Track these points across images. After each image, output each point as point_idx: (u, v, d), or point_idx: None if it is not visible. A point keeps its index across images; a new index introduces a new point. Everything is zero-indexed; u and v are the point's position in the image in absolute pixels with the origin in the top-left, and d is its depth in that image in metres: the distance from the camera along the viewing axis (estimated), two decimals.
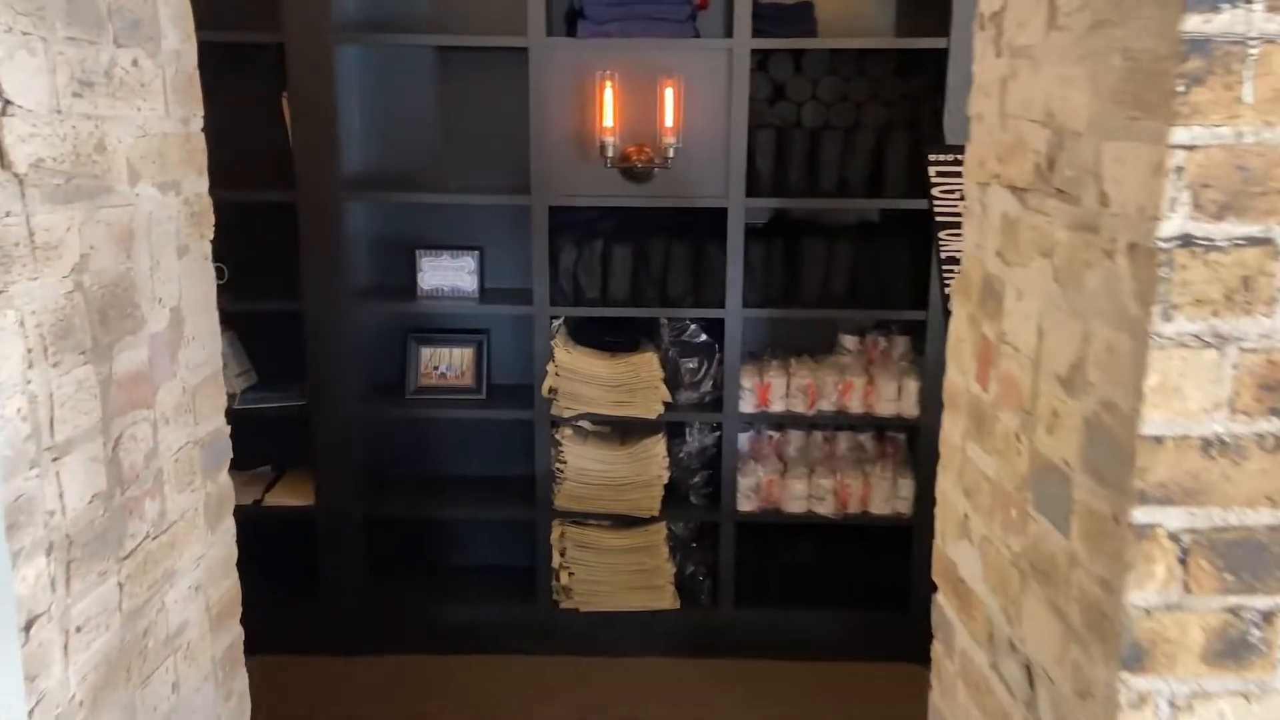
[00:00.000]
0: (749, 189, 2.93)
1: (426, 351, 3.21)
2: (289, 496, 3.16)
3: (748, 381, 3.04)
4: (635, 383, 3.04)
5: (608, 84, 2.85)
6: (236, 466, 3.33)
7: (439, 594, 3.25)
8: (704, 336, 3.10)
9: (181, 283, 1.58)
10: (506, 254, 3.23)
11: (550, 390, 3.04)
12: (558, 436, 3.09)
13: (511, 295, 3.15)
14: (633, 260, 3.03)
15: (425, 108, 3.14)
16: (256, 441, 3.34)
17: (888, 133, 2.97)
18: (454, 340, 3.22)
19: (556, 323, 3.10)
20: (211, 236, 1.72)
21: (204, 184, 1.67)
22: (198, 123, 1.66)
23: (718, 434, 3.12)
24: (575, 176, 2.94)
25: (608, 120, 2.85)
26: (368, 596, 3.17)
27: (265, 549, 3.37)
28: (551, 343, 3.03)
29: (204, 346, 1.68)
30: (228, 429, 1.79)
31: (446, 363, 3.21)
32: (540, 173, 2.92)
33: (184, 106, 1.59)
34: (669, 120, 2.85)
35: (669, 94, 2.85)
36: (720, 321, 3.02)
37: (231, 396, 3.23)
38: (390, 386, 3.22)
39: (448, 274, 3.11)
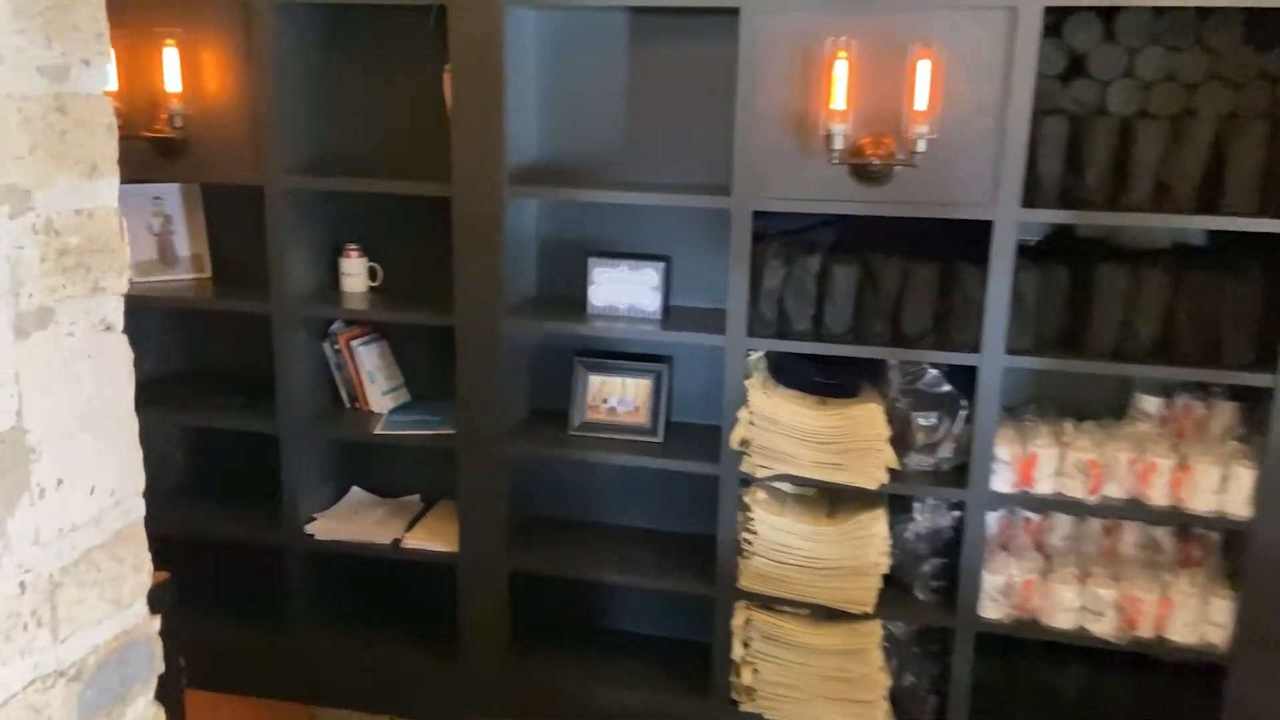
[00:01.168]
0: (1026, 197, 2.19)
1: (596, 380, 2.65)
2: (431, 538, 2.71)
3: (1005, 450, 2.30)
4: (851, 440, 2.36)
5: (841, 55, 2.17)
6: (383, 492, 3.00)
7: (592, 667, 2.73)
8: (948, 386, 2.39)
9: (35, 382, 0.93)
10: (697, 267, 2.63)
11: (742, 442, 2.42)
12: (748, 499, 2.47)
13: (701, 318, 2.54)
14: (858, 283, 2.35)
15: (611, 87, 2.57)
16: (407, 465, 2.94)
17: (1233, 125, 2.14)
18: (629, 369, 2.65)
19: (754, 356, 2.47)
20: (124, 287, 1.11)
21: (103, 192, 1.03)
22: (91, 76, 0.98)
23: (958, 514, 2.41)
24: (789, 174, 2.29)
25: (838, 103, 2.18)
26: (511, 659, 2.68)
27: (404, 593, 3.03)
28: (747, 381, 2.41)
29: (95, 492, 1.03)
30: (151, 625, 1.14)
31: (619, 395, 2.64)
32: (745, 168, 2.29)
33: (48, 41, 0.92)
34: (921, 103, 2.15)
35: (923, 69, 2.15)
36: (972, 369, 2.30)
37: (378, 416, 2.88)
38: (551, 417, 2.70)
39: (625, 288, 2.55)
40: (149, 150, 2.59)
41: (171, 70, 2.46)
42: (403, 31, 2.61)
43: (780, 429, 2.39)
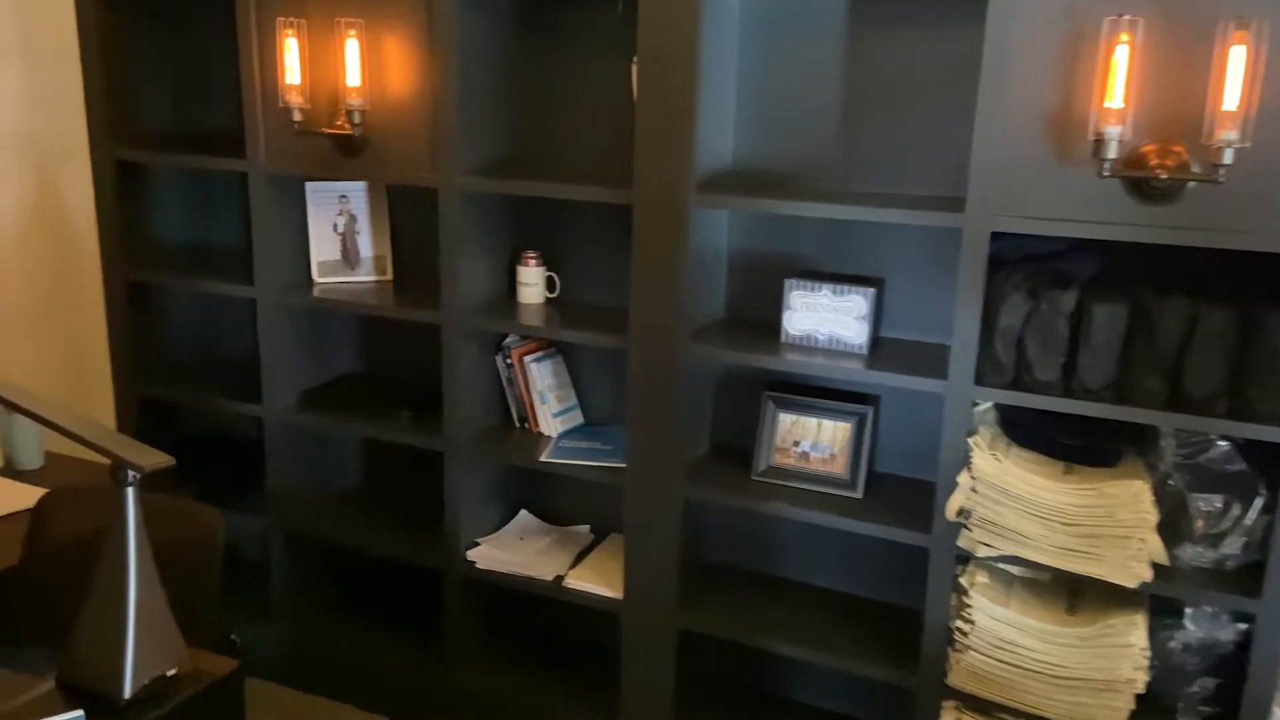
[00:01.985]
0: None
1: (787, 419, 2.30)
2: (596, 578, 2.45)
3: None
4: (1106, 522, 1.89)
5: (1123, 39, 1.70)
6: (553, 518, 2.78)
7: None
8: (1242, 464, 1.86)
9: None
10: (915, 294, 2.21)
11: (960, 512, 1.99)
12: (965, 580, 2.04)
13: (916, 356, 2.13)
14: (1126, 328, 1.87)
15: (825, 79, 2.20)
16: (578, 491, 2.70)
17: None
18: (827, 409, 2.27)
19: (982, 408, 2.03)
20: None
21: None
22: None
23: (1244, 626, 1.88)
24: (1043, 188, 1.84)
25: (1115, 99, 1.71)
26: None
27: (566, 632, 2.80)
28: (971, 439, 1.98)
29: None
30: None
31: (813, 438, 2.27)
32: (985, 179, 1.86)
33: None
34: (1230, 101, 1.64)
35: (1236, 57, 1.64)
36: (1278, 447, 1.77)
37: (547, 440, 2.65)
38: (733, 456, 2.37)
39: (826, 316, 2.17)
40: (331, 147, 2.47)
41: (352, 64, 2.32)
42: (591, 20, 2.35)
43: (1011, 501, 1.94)
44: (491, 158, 2.43)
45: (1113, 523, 1.88)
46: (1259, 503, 1.84)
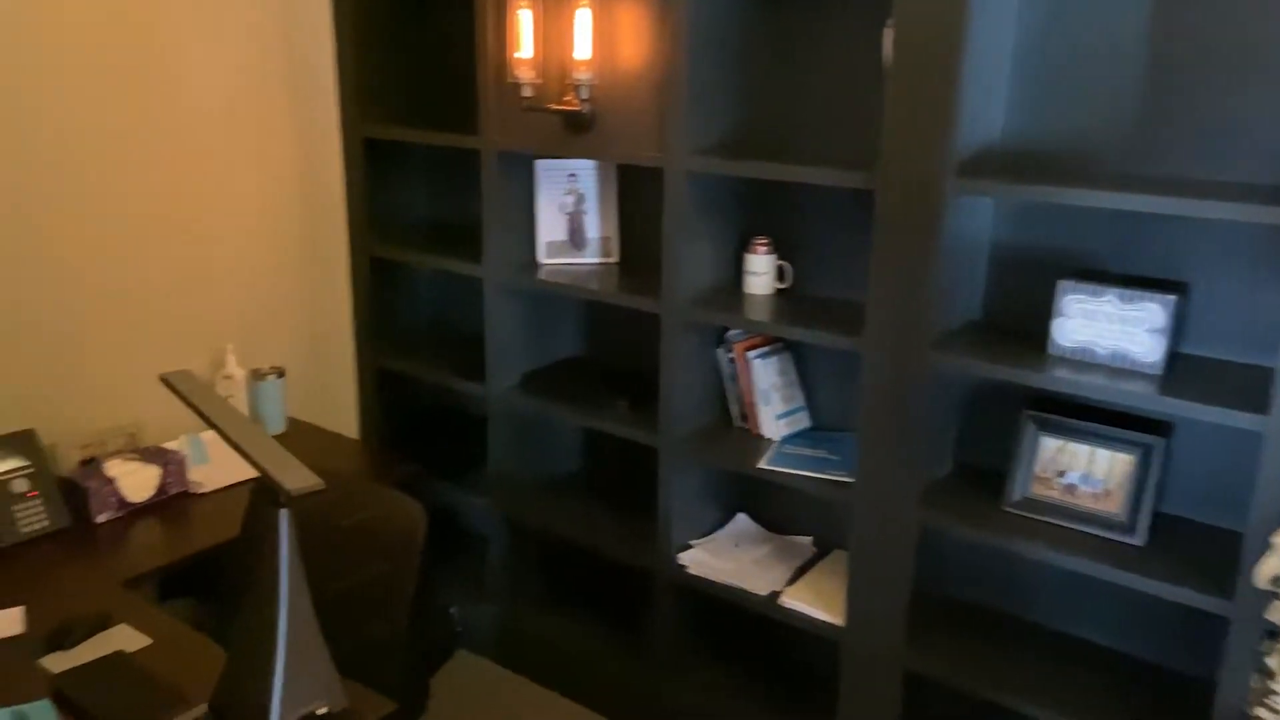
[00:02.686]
0: None
1: (1051, 445, 1.96)
2: (815, 599, 2.23)
3: None
4: None
5: None
6: (773, 525, 2.58)
7: None
8: None
9: None
10: (1229, 304, 1.80)
11: (1276, 580, 1.60)
12: (1273, 662, 1.64)
13: (1227, 382, 1.73)
14: None
15: (1124, 36, 1.83)
16: (801, 500, 2.49)
17: None
18: (1103, 435, 1.92)
19: None
20: None
21: None
22: None
23: None
24: None
25: None
26: None
27: (782, 652, 2.59)
28: None
29: None
30: None
31: (1083, 469, 1.93)
32: None
33: None
34: None
35: None
36: None
37: (768, 443, 2.43)
38: (982, 479, 2.07)
39: (1109, 326, 1.81)
40: (560, 124, 2.37)
41: (583, 36, 2.19)
42: None
43: None
44: (723, 136, 2.24)
45: None
46: None
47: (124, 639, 1.65)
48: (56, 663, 1.58)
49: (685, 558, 2.40)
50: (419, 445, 3.04)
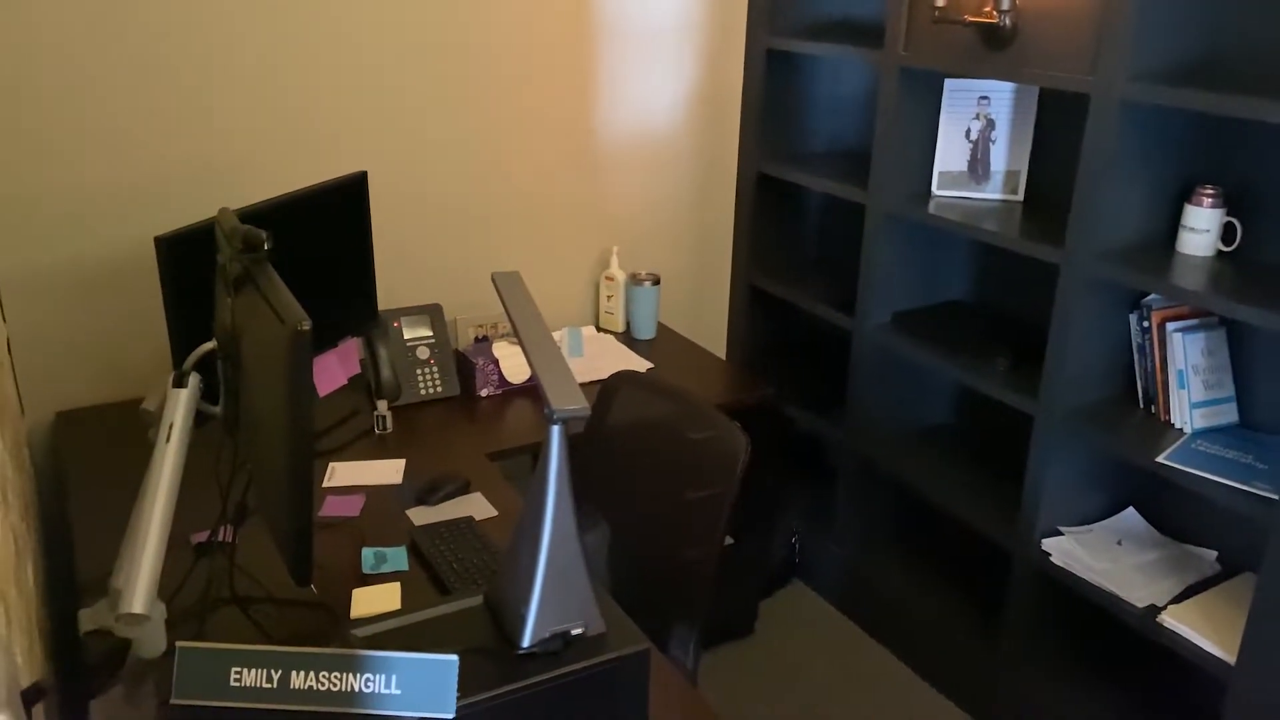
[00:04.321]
0: None
1: None
2: (1203, 625, 1.88)
3: None
4: None
5: None
6: (1172, 530, 2.18)
7: None
8: None
9: None
10: None
11: None
12: None
13: None
14: None
15: None
16: (1211, 507, 2.08)
17: None
18: None
19: None
20: None
21: None
22: None
23: None
24: None
25: None
26: None
27: (1155, 672, 2.13)
28: None
29: None
30: None
31: None
32: None
33: None
34: None
35: None
36: None
37: (1176, 434, 1.99)
38: None
39: None
40: (975, 39, 2.11)
41: None
42: None
43: None
44: (1173, 58, 1.84)
45: None
46: None
47: (476, 506, 1.81)
48: (420, 516, 1.77)
49: (1050, 544, 2.13)
50: (788, 369, 2.99)
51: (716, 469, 1.68)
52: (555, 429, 0.94)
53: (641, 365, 2.51)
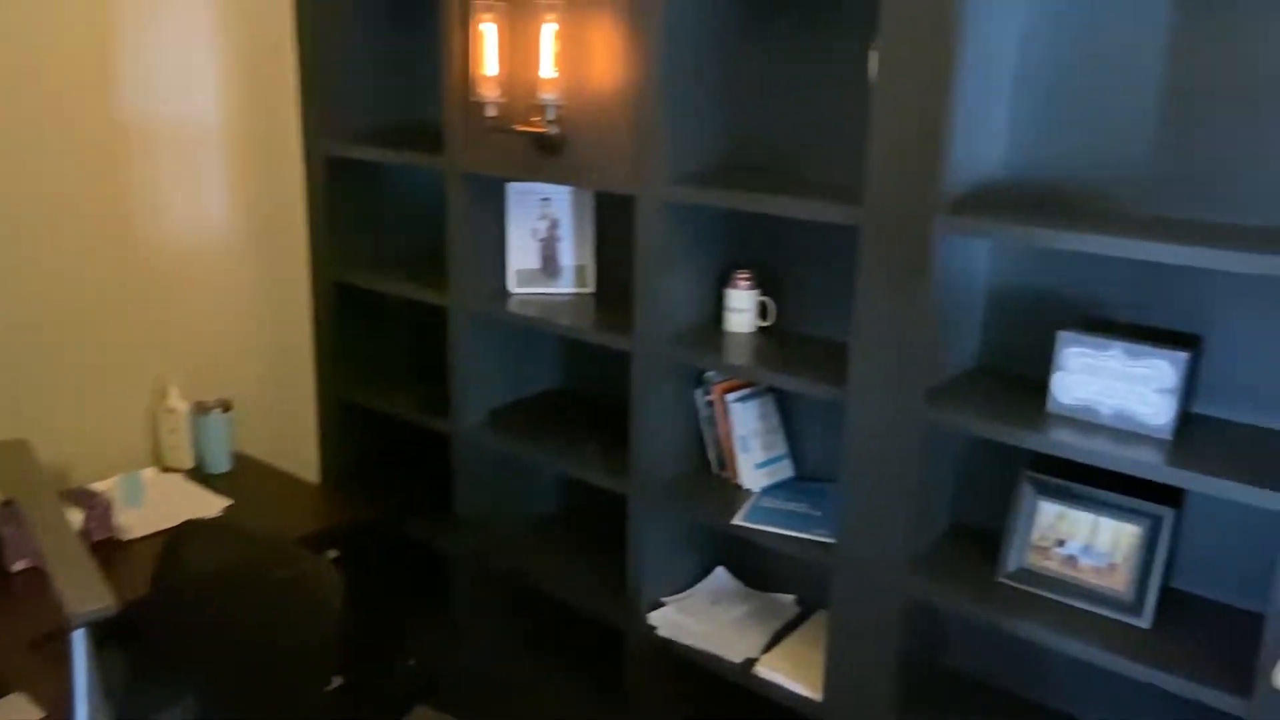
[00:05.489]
0: None
1: (1051, 511, 1.77)
2: (793, 669, 2.05)
3: None
4: None
5: None
6: (755, 581, 2.38)
7: None
8: None
9: None
10: (1251, 360, 1.61)
11: None
12: None
13: (1246, 450, 1.54)
14: None
15: (1143, 64, 1.64)
16: (784, 555, 2.30)
17: None
18: (1108, 504, 1.73)
19: None
20: None
21: None
22: None
23: None
24: None
25: None
26: None
27: None
28: None
29: None
30: None
31: (1085, 539, 1.74)
32: None
33: None
34: None
35: None
36: None
37: (746, 494, 2.24)
38: (978, 542, 1.89)
39: (1114, 384, 1.63)
40: (530, 146, 2.21)
41: (548, 52, 2.03)
42: None
43: None
44: (703, 162, 2.07)
45: None
46: None
47: (15, 711, 1.50)
48: None
49: (656, 617, 2.23)
50: (394, 482, 2.88)
51: (309, 608, 1.55)
52: (77, 636, 0.79)
53: (217, 505, 2.26)
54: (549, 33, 2.02)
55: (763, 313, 2.15)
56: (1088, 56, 1.68)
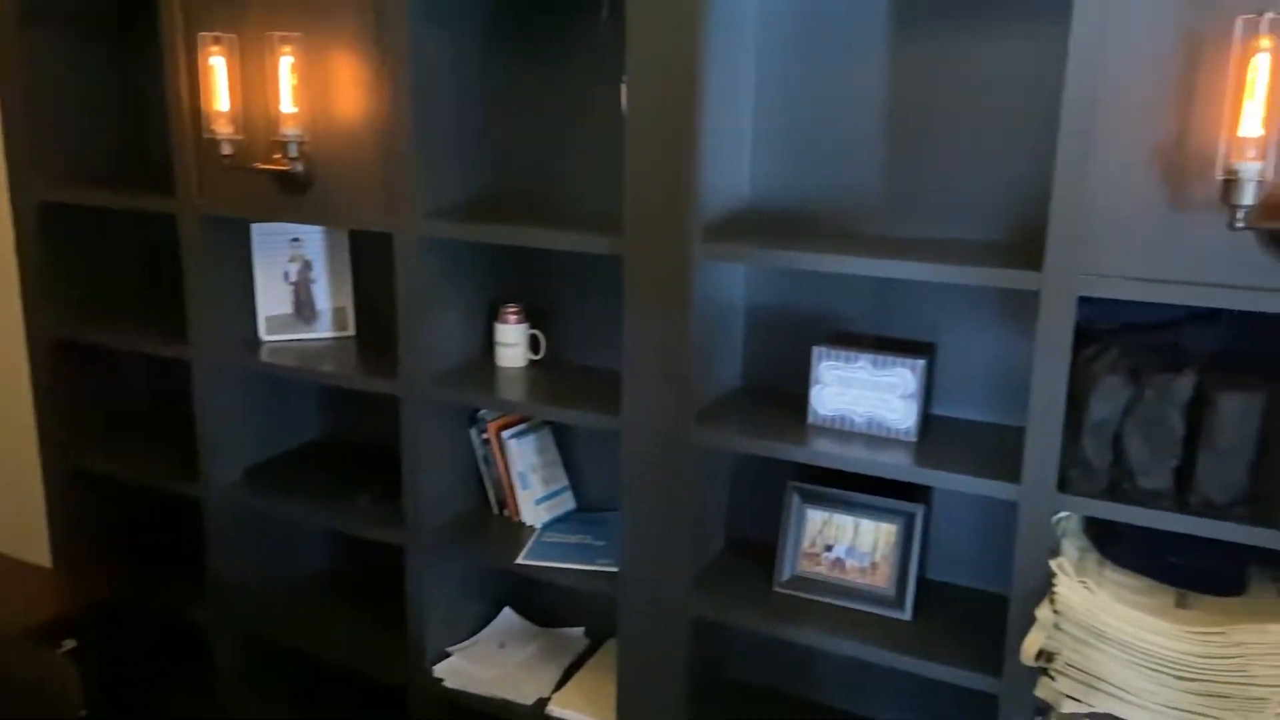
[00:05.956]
0: None
1: (817, 518, 1.86)
2: (584, 704, 2.03)
3: None
4: (1235, 679, 1.43)
5: (1264, 45, 1.26)
6: (542, 618, 2.35)
7: None
8: None
9: None
10: (977, 362, 1.78)
11: (1043, 656, 1.54)
12: None
13: (980, 445, 1.69)
14: (1261, 423, 1.41)
15: (866, 96, 1.77)
16: (570, 589, 2.28)
17: None
18: (865, 506, 1.84)
19: (1065, 519, 1.59)
20: None
21: None
22: None
23: None
24: (1148, 240, 1.40)
25: (1251, 126, 1.26)
26: None
27: None
28: (1055, 563, 1.53)
29: None
30: None
31: (849, 541, 1.84)
32: (1069, 227, 1.43)
33: None
34: None
35: None
36: None
37: (529, 530, 2.21)
38: (755, 555, 1.95)
39: (864, 393, 1.74)
40: (272, 184, 2.08)
41: (286, 86, 1.93)
42: (580, 31, 1.95)
43: (1107, 645, 1.49)
44: (463, 197, 2.03)
45: (1244, 679, 1.43)
46: None
47: None
48: None
49: (442, 669, 2.14)
50: (139, 554, 2.60)
51: (46, 707, 1.36)
52: None
53: None
54: (286, 65, 1.92)
55: (534, 346, 2.13)
56: (818, 87, 1.80)
